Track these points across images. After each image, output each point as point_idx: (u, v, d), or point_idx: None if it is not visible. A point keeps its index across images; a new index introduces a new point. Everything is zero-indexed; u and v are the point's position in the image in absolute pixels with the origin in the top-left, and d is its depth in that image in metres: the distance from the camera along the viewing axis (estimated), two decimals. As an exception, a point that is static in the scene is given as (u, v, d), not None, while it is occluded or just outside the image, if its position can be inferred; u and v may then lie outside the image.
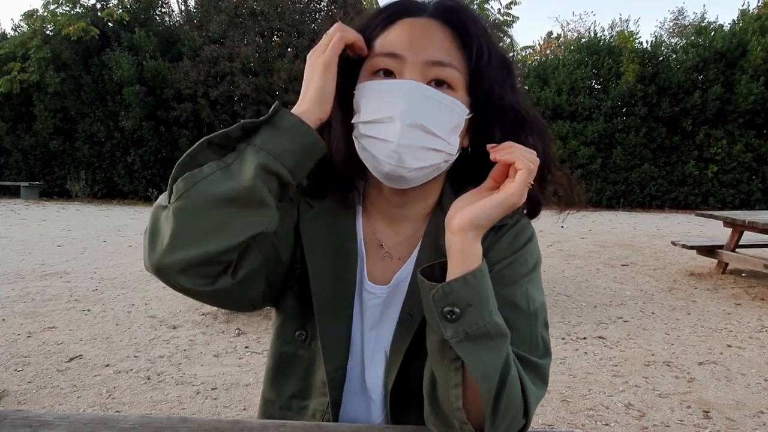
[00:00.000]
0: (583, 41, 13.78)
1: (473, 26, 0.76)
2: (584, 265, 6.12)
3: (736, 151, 11.98)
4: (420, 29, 0.75)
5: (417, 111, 0.71)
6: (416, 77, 0.73)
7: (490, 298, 0.68)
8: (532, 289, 0.78)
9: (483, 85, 0.76)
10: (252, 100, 11.99)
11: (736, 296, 4.79)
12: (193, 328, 3.74)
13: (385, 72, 0.75)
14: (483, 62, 0.75)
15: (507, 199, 0.68)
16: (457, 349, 0.66)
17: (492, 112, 0.78)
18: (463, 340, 0.66)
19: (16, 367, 3.03)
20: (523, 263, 0.80)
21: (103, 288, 4.81)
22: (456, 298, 0.66)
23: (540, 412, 2.59)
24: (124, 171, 12.91)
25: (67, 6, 13.05)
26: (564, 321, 4.02)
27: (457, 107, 0.74)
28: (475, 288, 0.67)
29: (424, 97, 0.72)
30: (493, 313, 0.67)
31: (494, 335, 0.67)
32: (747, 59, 11.90)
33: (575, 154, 12.55)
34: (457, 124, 0.75)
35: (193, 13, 14.14)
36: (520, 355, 0.72)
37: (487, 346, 0.66)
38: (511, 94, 0.79)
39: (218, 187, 0.65)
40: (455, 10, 0.77)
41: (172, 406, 2.62)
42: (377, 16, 0.79)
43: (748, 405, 2.70)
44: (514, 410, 0.68)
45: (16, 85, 12.44)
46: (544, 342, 0.77)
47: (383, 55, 0.75)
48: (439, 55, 0.74)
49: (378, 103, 0.73)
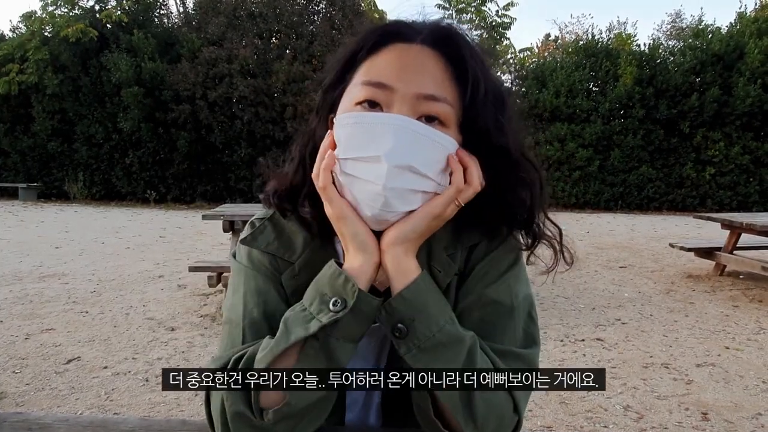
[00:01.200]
0: (581, 44, 13.81)
1: (469, 57, 0.70)
2: (582, 267, 6.12)
3: (734, 153, 12.01)
4: (412, 58, 0.70)
5: (406, 150, 0.64)
6: (405, 111, 0.67)
7: (436, 308, 0.67)
8: (514, 283, 0.78)
9: (476, 123, 0.71)
10: (250, 101, 12.00)
11: (734, 298, 4.80)
12: (192, 330, 3.73)
13: (371, 103, 0.69)
14: (478, 99, 0.70)
15: (430, 211, 0.68)
16: (413, 363, 0.66)
17: (483, 153, 0.72)
18: (417, 353, 0.66)
19: (14, 369, 3.03)
20: (504, 258, 0.80)
21: (101, 290, 4.80)
22: (400, 316, 0.66)
23: (538, 414, 2.59)
24: (122, 172, 12.90)
25: (66, 7, 13.05)
26: (562, 323, 4.02)
27: (451, 146, 0.69)
28: (415, 301, 0.67)
29: (415, 135, 0.65)
30: (443, 321, 0.67)
31: (448, 343, 0.66)
32: (744, 62, 11.94)
33: (573, 156, 12.57)
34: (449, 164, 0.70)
35: (192, 14, 14.15)
36: (504, 350, 0.72)
37: (442, 356, 0.66)
38: (505, 135, 0.73)
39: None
40: (451, 37, 0.72)
41: (170, 408, 2.62)
42: (366, 37, 0.73)
43: (747, 407, 2.70)
44: (498, 409, 0.68)
45: (15, 86, 12.43)
46: (529, 334, 0.77)
47: (370, 85, 0.69)
48: (432, 88, 0.68)
49: (362, 138, 0.66)
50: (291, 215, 0.82)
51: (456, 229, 0.80)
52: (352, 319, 0.67)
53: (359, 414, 0.86)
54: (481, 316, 0.75)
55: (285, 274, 0.80)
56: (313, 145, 0.77)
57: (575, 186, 12.73)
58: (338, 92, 0.75)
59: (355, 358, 0.77)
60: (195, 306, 4.31)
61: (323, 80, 0.78)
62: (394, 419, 0.83)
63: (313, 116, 0.81)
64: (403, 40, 0.72)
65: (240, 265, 0.82)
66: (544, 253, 0.83)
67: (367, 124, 0.66)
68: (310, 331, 0.65)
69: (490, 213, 0.78)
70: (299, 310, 0.69)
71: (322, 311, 0.66)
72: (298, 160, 0.80)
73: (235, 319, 0.77)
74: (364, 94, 0.69)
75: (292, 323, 0.68)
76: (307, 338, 0.66)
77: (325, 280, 0.69)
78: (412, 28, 0.73)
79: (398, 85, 0.68)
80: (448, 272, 0.78)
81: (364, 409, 0.86)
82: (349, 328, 0.67)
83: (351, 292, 0.66)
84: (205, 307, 4.25)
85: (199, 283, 4.92)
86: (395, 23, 0.74)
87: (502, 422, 0.68)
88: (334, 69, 0.76)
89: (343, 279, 0.67)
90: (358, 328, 0.68)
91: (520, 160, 0.76)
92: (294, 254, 0.81)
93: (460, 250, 0.80)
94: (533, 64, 14.73)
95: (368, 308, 0.67)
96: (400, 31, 0.72)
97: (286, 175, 0.82)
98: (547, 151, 12.65)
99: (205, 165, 12.76)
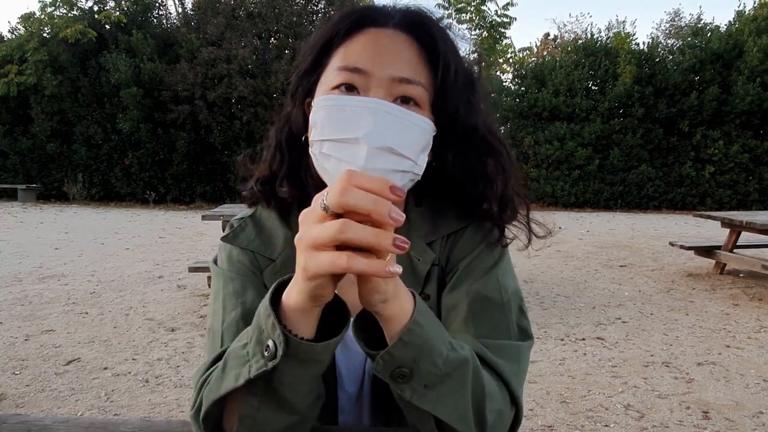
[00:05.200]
0: (580, 43, 13.81)
1: (441, 41, 0.72)
2: (582, 266, 6.12)
3: (733, 152, 12.02)
4: (385, 42, 0.71)
5: (385, 132, 0.65)
6: (382, 95, 0.68)
7: (436, 337, 0.61)
8: (503, 278, 0.78)
9: (447, 104, 0.73)
10: (249, 102, 11.99)
11: (734, 297, 4.80)
12: (192, 331, 3.73)
13: (347, 87, 0.70)
14: (449, 80, 0.72)
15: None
16: (421, 404, 0.61)
17: (454, 133, 0.75)
18: (424, 393, 0.60)
19: (13, 371, 3.02)
20: (490, 253, 0.79)
21: (100, 290, 4.79)
22: (401, 361, 0.59)
23: (539, 414, 2.59)
24: (121, 173, 12.89)
25: (65, 8, 13.03)
26: (563, 322, 4.02)
27: (427, 125, 0.70)
28: (416, 343, 0.59)
29: (393, 117, 0.66)
30: (446, 350, 0.61)
31: (453, 372, 0.61)
32: (743, 60, 11.95)
33: (572, 155, 12.58)
34: (426, 143, 0.71)
35: (191, 15, 14.14)
36: (497, 344, 0.72)
37: (451, 387, 0.62)
38: (475, 115, 0.76)
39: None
40: (423, 22, 0.73)
41: (170, 409, 2.61)
42: (340, 22, 0.74)
43: (747, 405, 2.70)
44: (501, 406, 0.68)
45: (14, 87, 12.42)
46: (523, 329, 0.77)
47: (346, 70, 0.70)
48: (406, 71, 0.70)
49: (340, 121, 0.66)
50: (274, 204, 0.83)
51: (432, 216, 0.82)
52: (295, 364, 0.59)
53: (353, 413, 0.85)
54: (472, 313, 0.75)
55: (267, 270, 0.81)
56: (289, 130, 0.80)
57: (575, 185, 12.73)
58: (314, 78, 0.76)
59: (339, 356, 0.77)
60: (195, 306, 4.31)
61: (298, 66, 0.79)
62: (389, 415, 0.82)
63: (288, 101, 0.82)
64: (376, 24, 0.73)
65: (219, 269, 0.82)
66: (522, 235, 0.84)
67: (344, 107, 0.66)
68: (239, 382, 0.60)
69: (462, 194, 0.80)
70: (241, 345, 0.62)
71: (255, 355, 0.59)
72: (275, 145, 0.82)
73: (215, 326, 0.77)
74: (341, 78, 0.70)
75: (230, 362, 0.63)
76: (246, 384, 0.60)
77: (261, 313, 0.60)
78: (384, 12, 0.75)
79: (374, 69, 0.69)
80: (426, 260, 0.79)
81: (357, 406, 0.84)
82: (292, 376, 0.60)
83: (279, 340, 0.56)
84: (205, 308, 4.25)
85: (199, 284, 4.91)
86: (367, 8, 0.75)
87: (501, 416, 0.68)
88: (309, 55, 0.77)
89: (271, 323, 0.57)
90: (305, 373, 0.61)
91: (490, 139, 0.78)
92: (275, 251, 0.81)
93: (438, 238, 0.81)
94: (532, 63, 14.71)
95: (309, 354, 0.58)
96: (372, 16, 0.74)
97: (264, 163, 0.84)
98: (547, 150, 12.66)
99: (205, 165, 12.76)
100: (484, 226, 0.82)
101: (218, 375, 0.64)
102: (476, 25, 18.04)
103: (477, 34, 18.19)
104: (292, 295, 0.57)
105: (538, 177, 12.80)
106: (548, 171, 12.87)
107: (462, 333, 0.74)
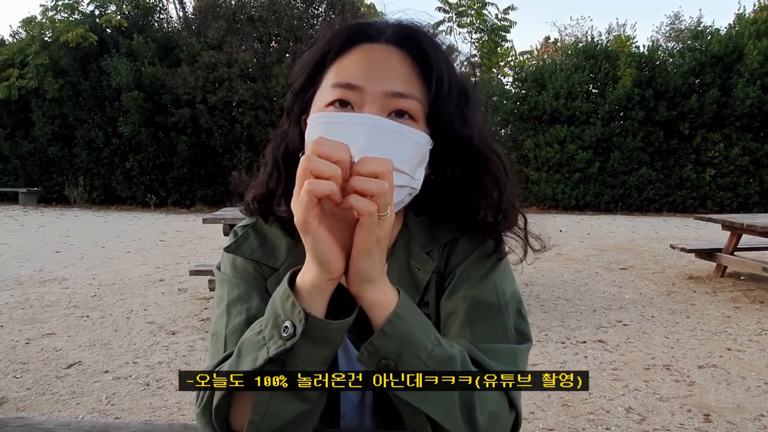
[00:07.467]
0: (581, 46, 13.84)
1: (433, 54, 0.72)
2: (583, 269, 6.12)
3: (734, 154, 12.02)
4: (378, 57, 0.71)
5: (380, 148, 0.65)
6: (376, 110, 0.68)
7: (421, 332, 0.64)
8: (500, 282, 0.78)
9: (442, 117, 0.73)
10: (250, 105, 12.01)
11: (735, 299, 4.79)
12: (192, 334, 3.73)
13: (342, 103, 0.70)
14: (443, 93, 0.72)
15: (366, 241, 0.60)
16: (407, 398, 0.63)
17: (449, 146, 0.75)
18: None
19: (15, 374, 3.02)
20: (487, 258, 0.80)
21: (101, 294, 4.79)
22: (385, 352, 0.62)
23: (540, 417, 2.59)
24: (122, 177, 12.91)
25: (66, 12, 13.07)
26: (563, 325, 4.01)
27: (422, 139, 0.71)
28: (398, 334, 0.62)
29: (388, 133, 0.66)
30: (431, 346, 0.64)
31: (439, 368, 0.63)
32: (743, 63, 11.95)
33: (573, 158, 12.58)
34: (423, 157, 0.71)
35: (192, 19, 14.18)
36: (493, 348, 0.72)
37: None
38: (470, 126, 0.75)
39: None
40: (415, 36, 0.73)
41: (171, 412, 2.61)
42: (333, 39, 0.74)
43: (749, 408, 2.70)
44: (496, 409, 0.68)
45: (15, 91, 12.46)
46: (522, 332, 0.77)
47: (340, 86, 0.70)
48: (400, 86, 0.70)
49: (336, 138, 0.63)
50: (273, 220, 0.83)
51: (431, 226, 0.82)
52: (310, 345, 0.61)
53: (355, 418, 0.85)
54: (469, 318, 0.75)
55: (270, 279, 0.81)
56: (286, 147, 0.80)
57: (575, 188, 12.73)
58: (309, 95, 0.76)
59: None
60: (196, 310, 4.31)
61: (293, 83, 0.80)
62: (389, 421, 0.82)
63: (284, 119, 0.82)
64: (368, 40, 0.73)
65: (223, 275, 0.83)
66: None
67: (339, 124, 0.67)
68: (257, 364, 0.62)
69: (460, 204, 0.80)
70: (255, 332, 0.65)
71: (273, 338, 0.62)
72: (272, 163, 0.82)
73: (219, 331, 0.77)
74: (335, 95, 0.70)
75: (245, 349, 0.65)
76: (264, 365, 0.62)
77: (278, 298, 0.64)
78: (376, 27, 0.75)
79: (367, 85, 0.69)
80: (426, 269, 0.80)
81: (359, 412, 0.85)
82: (307, 356, 0.62)
83: (298, 318, 0.60)
84: (205, 311, 4.25)
85: (200, 287, 4.91)
86: (359, 24, 0.76)
87: (497, 421, 0.68)
88: (303, 72, 0.78)
89: (291, 303, 0.61)
90: (319, 354, 0.63)
91: (485, 150, 0.78)
92: (278, 260, 0.82)
93: (437, 247, 0.81)
94: (533, 66, 14.74)
95: (325, 333, 0.61)
96: (365, 32, 0.74)
97: (262, 180, 0.84)
98: (547, 153, 12.66)
99: (205, 169, 12.77)
100: (480, 234, 0.82)
101: (233, 363, 0.65)
102: (477, 29, 18.09)
103: (478, 38, 18.23)
104: (306, 273, 0.62)
105: (539, 180, 12.80)
106: (549, 174, 12.87)
107: (460, 338, 0.74)
